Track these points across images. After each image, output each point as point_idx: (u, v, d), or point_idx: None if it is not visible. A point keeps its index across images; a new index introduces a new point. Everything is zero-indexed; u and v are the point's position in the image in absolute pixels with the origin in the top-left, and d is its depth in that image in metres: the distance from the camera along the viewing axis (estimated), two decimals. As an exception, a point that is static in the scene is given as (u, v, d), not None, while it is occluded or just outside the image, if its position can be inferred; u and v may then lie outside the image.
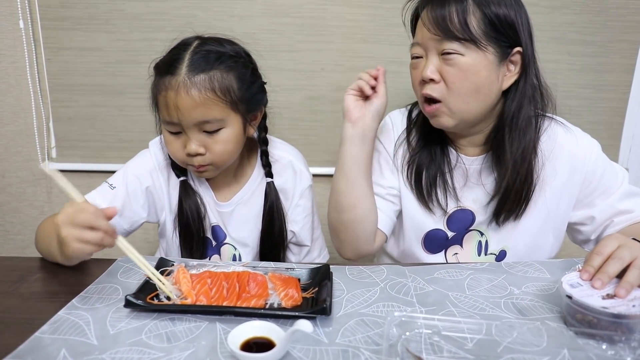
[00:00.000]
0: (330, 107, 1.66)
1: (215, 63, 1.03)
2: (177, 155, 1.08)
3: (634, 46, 1.65)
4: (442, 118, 1.02)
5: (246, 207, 1.21)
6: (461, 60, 0.96)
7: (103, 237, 0.79)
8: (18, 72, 1.63)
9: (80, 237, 0.78)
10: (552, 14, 1.60)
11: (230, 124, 1.06)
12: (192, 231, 1.16)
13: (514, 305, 0.83)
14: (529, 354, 0.68)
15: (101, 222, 0.79)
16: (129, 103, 1.65)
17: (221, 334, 0.72)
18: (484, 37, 0.96)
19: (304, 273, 0.91)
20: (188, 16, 1.57)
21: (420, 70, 1.02)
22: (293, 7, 1.57)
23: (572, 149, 1.09)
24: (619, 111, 1.72)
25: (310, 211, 1.26)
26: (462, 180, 1.12)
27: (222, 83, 1.03)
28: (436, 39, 0.97)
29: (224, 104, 1.03)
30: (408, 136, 1.15)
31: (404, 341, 0.69)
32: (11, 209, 1.79)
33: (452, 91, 0.98)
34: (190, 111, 1.00)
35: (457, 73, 0.97)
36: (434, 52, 0.99)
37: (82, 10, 1.56)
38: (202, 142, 1.04)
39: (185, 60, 1.02)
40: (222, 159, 1.08)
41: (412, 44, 1.05)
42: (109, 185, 1.13)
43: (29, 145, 1.70)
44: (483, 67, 0.97)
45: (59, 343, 0.69)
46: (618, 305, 0.71)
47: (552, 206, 1.10)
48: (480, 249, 1.14)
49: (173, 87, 1.00)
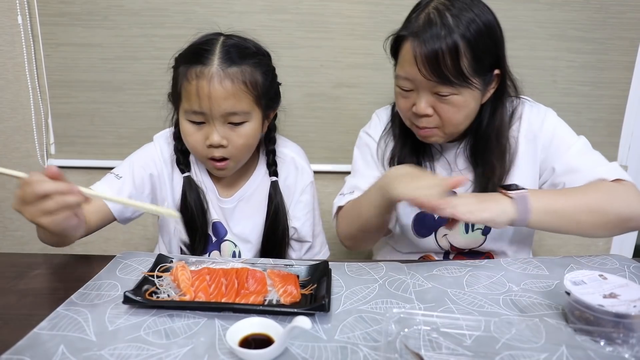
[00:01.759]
0: (329, 104, 1.66)
1: (246, 57, 1.06)
2: (197, 146, 1.08)
3: (634, 43, 1.65)
4: (434, 138, 1.09)
5: (248, 203, 1.22)
6: (455, 99, 1.01)
7: (62, 199, 0.74)
8: (16, 68, 1.63)
9: (42, 210, 0.74)
10: (552, 11, 1.60)
11: (253, 119, 1.08)
12: (196, 226, 1.16)
13: (513, 302, 0.83)
14: (527, 350, 0.68)
15: (48, 186, 0.73)
16: (128, 99, 1.64)
17: (220, 331, 0.72)
18: (474, 76, 0.99)
19: (302, 270, 0.91)
20: (187, 12, 1.57)
21: (410, 100, 1.05)
22: (292, 3, 1.57)
23: (530, 122, 1.14)
24: (618, 108, 1.72)
25: (311, 207, 1.27)
26: (446, 170, 1.18)
27: (251, 77, 1.06)
28: (429, 81, 0.99)
29: (252, 98, 1.06)
30: (393, 127, 1.21)
31: (403, 338, 0.69)
32: (10, 205, 1.77)
33: (446, 122, 1.04)
34: (221, 101, 1.02)
35: (451, 109, 1.02)
36: (426, 90, 1.02)
37: (81, 6, 1.56)
38: (226, 134, 1.06)
39: (216, 52, 1.04)
40: (242, 152, 1.10)
41: (400, 77, 1.05)
42: (115, 175, 1.13)
43: (27, 141, 1.70)
44: (472, 99, 1.03)
45: (57, 339, 0.69)
46: (618, 305, 0.71)
47: (527, 177, 1.14)
48: (467, 227, 1.18)
49: (205, 76, 1.01)
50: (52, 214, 0.75)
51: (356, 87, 1.65)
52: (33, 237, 1.04)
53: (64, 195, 0.75)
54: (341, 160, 1.71)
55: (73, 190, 0.76)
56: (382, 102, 1.63)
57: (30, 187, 0.73)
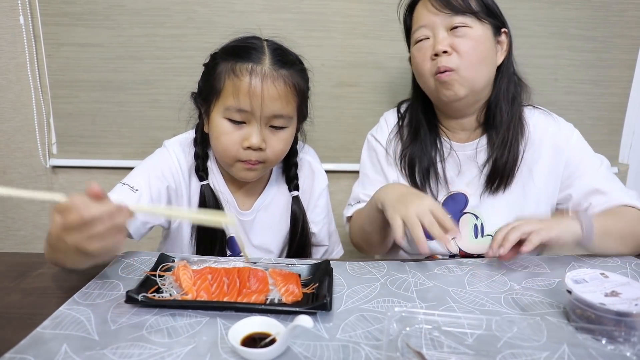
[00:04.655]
0: (330, 103, 1.66)
1: (293, 63, 1.05)
2: (230, 147, 1.03)
3: (635, 42, 1.65)
4: (455, 87, 1.09)
5: (267, 213, 1.19)
6: (470, 32, 1.07)
7: (112, 222, 0.67)
8: (18, 68, 1.63)
9: (90, 236, 0.66)
10: (553, 9, 1.60)
11: (292, 125, 1.07)
12: (215, 239, 1.11)
13: (514, 301, 0.83)
14: (529, 349, 0.68)
15: (97, 210, 0.66)
16: (129, 99, 1.65)
17: (222, 330, 0.72)
18: (482, 12, 1.09)
19: (304, 269, 0.92)
20: (188, 12, 1.57)
21: (427, 49, 1.10)
22: (293, 2, 1.57)
23: (554, 134, 1.17)
24: (619, 107, 1.72)
25: (327, 210, 1.26)
26: (455, 169, 1.20)
27: (299, 82, 1.05)
28: (444, 16, 1.07)
29: (296, 103, 1.05)
30: (400, 130, 1.23)
31: (404, 336, 0.69)
32: (12, 205, 1.79)
33: (465, 60, 1.07)
34: (272, 101, 0.99)
35: (468, 42, 1.07)
36: (441, 29, 1.08)
37: (83, 6, 1.56)
38: (266, 137, 1.03)
39: (265, 52, 1.02)
40: (277, 157, 1.07)
41: (416, 29, 1.12)
42: (130, 188, 1.02)
43: (29, 141, 1.70)
44: (486, 38, 1.09)
45: (60, 338, 0.69)
46: (619, 304, 0.71)
47: (542, 189, 1.16)
48: (476, 232, 1.19)
49: (258, 74, 0.99)
50: (102, 239, 0.67)
51: (357, 86, 1.65)
52: (35, 237, 1.04)
53: (113, 217, 0.67)
54: (342, 159, 1.71)
55: (122, 210, 0.69)
56: (383, 101, 1.64)
57: (76, 213, 0.65)
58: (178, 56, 1.60)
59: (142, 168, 1.09)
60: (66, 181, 1.75)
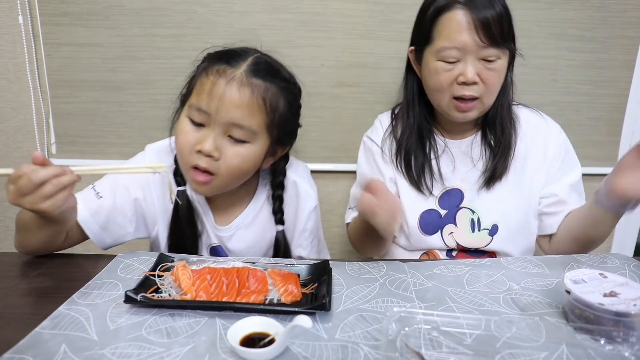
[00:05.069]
0: (329, 103, 1.66)
1: (276, 78, 0.99)
2: (184, 149, 0.98)
3: (634, 42, 1.65)
4: (473, 112, 1.12)
5: (247, 232, 1.14)
6: (498, 64, 1.08)
7: (58, 180, 0.78)
8: (18, 68, 1.63)
9: (41, 196, 0.78)
10: (552, 10, 1.60)
11: (257, 143, 0.99)
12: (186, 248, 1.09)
13: (513, 301, 0.83)
14: (528, 349, 0.68)
15: (44, 173, 0.78)
16: (128, 99, 1.65)
17: (221, 330, 0.72)
18: (510, 39, 1.08)
19: (303, 269, 0.92)
20: (188, 12, 1.57)
21: (453, 73, 1.08)
22: (293, 2, 1.57)
23: (544, 131, 1.21)
24: (618, 107, 1.72)
25: (316, 232, 1.21)
26: (450, 165, 1.22)
27: (273, 98, 0.98)
28: (482, 46, 1.04)
29: (265, 119, 0.97)
30: (394, 129, 1.25)
31: (403, 336, 0.69)
32: (11, 205, 1.79)
33: (488, 89, 1.09)
34: (232, 107, 0.94)
35: (494, 75, 1.08)
36: (474, 57, 1.06)
37: (82, 6, 1.56)
38: (221, 146, 0.96)
39: (248, 59, 0.97)
40: (231, 174, 0.99)
41: (446, 48, 1.07)
42: (96, 194, 1.05)
43: (28, 141, 1.70)
44: (505, 67, 1.10)
45: (59, 338, 0.69)
46: (618, 304, 0.71)
47: (532, 182, 1.19)
48: (473, 226, 1.20)
49: (227, 76, 0.94)
50: (52, 197, 0.79)
51: (357, 86, 1.65)
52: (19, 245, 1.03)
53: (59, 177, 0.79)
54: (342, 159, 1.72)
55: (66, 171, 0.80)
56: (383, 101, 1.64)
57: (26, 178, 0.77)
58: (177, 56, 1.60)
59: (114, 175, 1.09)
60: (65, 181, 1.75)
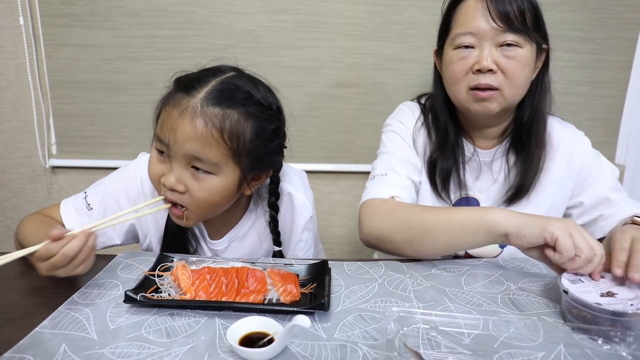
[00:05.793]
0: (328, 104, 1.67)
1: (238, 103, 0.90)
2: (154, 179, 0.94)
3: (632, 43, 1.66)
4: (493, 104, 1.04)
5: (242, 244, 1.11)
6: (520, 52, 1.01)
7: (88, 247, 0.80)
8: (18, 69, 1.64)
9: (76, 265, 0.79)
10: (550, 11, 1.59)
11: (223, 174, 0.92)
12: None
13: (511, 301, 0.84)
14: (526, 349, 0.68)
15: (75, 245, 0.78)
16: (129, 99, 1.65)
17: (220, 329, 0.73)
18: (534, 30, 1.02)
19: (302, 269, 0.92)
20: (188, 13, 1.58)
21: (470, 59, 1.03)
22: (292, 4, 1.58)
23: (569, 143, 1.15)
24: (616, 108, 1.72)
25: (312, 242, 1.16)
26: (474, 173, 1.16)
27: (234, 126, 0.89)
28: (497, 30, 0.99)
29: (226, 150, 0.89)
30: (425, 122, 1.18)
31: (402, 336, 0.69)
32: (12, 205, 1.80)
33: (510, 81, 1.02)
34: (184, 140, 0.87)
35: (516, 64, 1.01)
36: (490, 43, 1.01)
37: (82, 7, 1.57)
38: (185, 180, 0.90)
39: (208, 85, 0.89)
40: (201, 207, 0.93)
41: (461, 34, 1.03)
42: (87, 205, 1.04)
43: (29, 141, 1.71)
44: (532, 60, 1.04)
45: (59, 338, 0.70)
46: (615, 304, 0.72)
47: (554, 196, 1.14)
48: None
49: (180, 107, 0.88)
50: (84, 263, 0.81)
51: (356, 87, 1.65)
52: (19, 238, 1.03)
53: (87, 244, 0.80)
54: (341, 159, 1.72)
55: (88, 235, 0.81)
56: (382, 102, 1.64)
57: (60, 255, 0.77)
58: (177, 57, 1.61)
59: (105, 184, 1.08)
60: (65, 181, 1.75)
